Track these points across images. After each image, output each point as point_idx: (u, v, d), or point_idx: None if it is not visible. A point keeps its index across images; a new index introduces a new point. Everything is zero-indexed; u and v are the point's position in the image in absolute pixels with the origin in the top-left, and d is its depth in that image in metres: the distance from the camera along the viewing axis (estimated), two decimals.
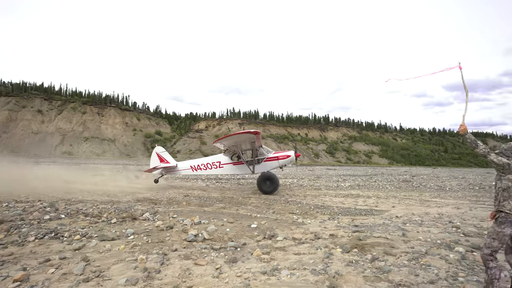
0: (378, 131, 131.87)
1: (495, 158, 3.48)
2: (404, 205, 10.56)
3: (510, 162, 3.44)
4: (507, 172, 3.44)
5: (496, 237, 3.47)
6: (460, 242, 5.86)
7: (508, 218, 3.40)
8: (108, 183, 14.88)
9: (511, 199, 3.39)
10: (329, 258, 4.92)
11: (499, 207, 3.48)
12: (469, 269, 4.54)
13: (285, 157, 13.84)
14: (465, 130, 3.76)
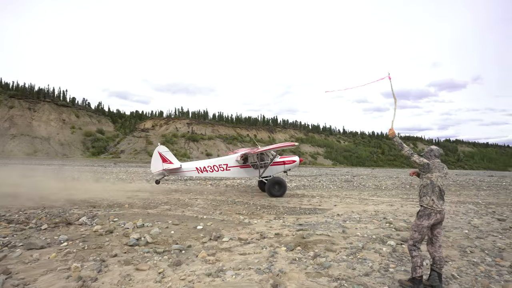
0: (323, 133, 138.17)
1: (417, 159, 3.98)
2: (345, 204, 11.19)
3: (430, 163, 3.94)
4: (427, 171, 3.94)
5: (416, 229, 3.93)
6: (392, 236, 6.37)
7: (426, 211, 3.87)
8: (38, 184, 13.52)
9: (428, 195, 3.88)
10: (274, 257, 5.02)
11: (420, 202, 3.99)
12: (399, 260, 4.95)
13: (291, 162, 14.07)
14: (393, 133, 4.26)
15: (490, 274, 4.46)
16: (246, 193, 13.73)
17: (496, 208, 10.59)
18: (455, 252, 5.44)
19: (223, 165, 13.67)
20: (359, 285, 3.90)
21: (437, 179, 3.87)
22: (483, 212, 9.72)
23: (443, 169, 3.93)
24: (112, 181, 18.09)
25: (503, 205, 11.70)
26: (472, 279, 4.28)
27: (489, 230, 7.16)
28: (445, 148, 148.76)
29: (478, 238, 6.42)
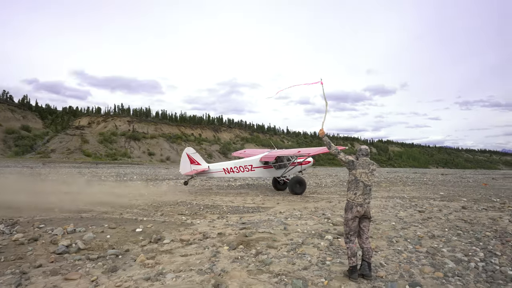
0: (268, 133, 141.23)
1: (343, 157, 4.44)
2: (287, 202, 11.56)
3: (354, 160, 4.34)
4: (352, 168, 4.33)
5: (345, 222, 4.29)
6: (330, 231, 6.74)
7: (348, 204, 4.25)
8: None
9: (351, 190, 4.26)
10: (216, 256, 5.00)
11: (346, 196, 4.35)
12: (335, 253, 5.26)
13: (306, 162, 15.15)
14: (323, 133, 4.74)
15: (411, 260, 4.96)
16: (189, 193, 13.46)
17: (418, 202, 11.81)
18: (383, 243, 5.95)
19: (248, 166, 14.31)
20: (298, 279, 4.06)
21: (361, 175, 4.22)
22: (407, 205, 10.77)
23: (368, 166, 4.27)
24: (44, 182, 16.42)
25: (423, 198, 13.09)
26: (396, 265, 4.72)
27: (412, 221, 7.95)
28: (378, 148, 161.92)
29: (403, 228, 7.09)
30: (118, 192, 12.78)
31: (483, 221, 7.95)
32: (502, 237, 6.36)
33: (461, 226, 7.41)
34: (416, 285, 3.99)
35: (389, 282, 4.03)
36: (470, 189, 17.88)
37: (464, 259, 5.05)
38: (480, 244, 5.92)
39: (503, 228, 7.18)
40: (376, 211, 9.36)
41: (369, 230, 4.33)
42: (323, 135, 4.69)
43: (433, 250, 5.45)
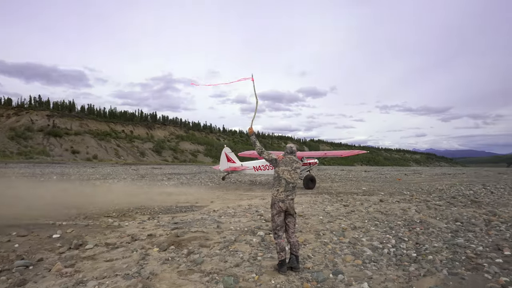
0: (204, 131, 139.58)
1: (266, 155, 4.61)
2: (222, 200, 11.56)
3: (277, 159, 4.51)
4: (275, 165, 4.52)
5: (271, 218, 4.48)
6: (262, 227, 6.91)
7: (272, 201, 4.44)
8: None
9: (275, 186, 4.46)
10: (145, 259, 4.76)
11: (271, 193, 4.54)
12: (266, 249, 5.41)
13: (314, 163, 17.78)
14: (251, 132, 4.86)
15: (335, 251, 5.34)
16: (118, 193, 12.62)
17: (343, 197, 12.78)
18: (311, 236, 6.30)
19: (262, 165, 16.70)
20: (229, 276, 4.07)
21: (283, 172, 4.41)
22: (334, 200, 11.59)
23: (291, 164, 4.48)
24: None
25: (348, 193, 14.21)
26: (322, 256, 5.04)
27: (337, 214, 8.56)
28: (310, 147, 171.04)
29: (329, 222, 7.59)
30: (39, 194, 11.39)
31: (396, 212, 8.92)
32: (409, 225, 7.21)
33: (378, 217, 8.21)
34: (339, 273, 4.31)
35: (315, 273, 4.28)
36: (387, 184, 19.93)
37: (379, 246, 5.60)
38: (392, 232, 6.63)
39: (411, 217, 8.16)
40: (306, 207, 9.88)
41: (295, 225, 4.53)
42: (252, 133, 4.82)
43: (354, 240, 5.95)
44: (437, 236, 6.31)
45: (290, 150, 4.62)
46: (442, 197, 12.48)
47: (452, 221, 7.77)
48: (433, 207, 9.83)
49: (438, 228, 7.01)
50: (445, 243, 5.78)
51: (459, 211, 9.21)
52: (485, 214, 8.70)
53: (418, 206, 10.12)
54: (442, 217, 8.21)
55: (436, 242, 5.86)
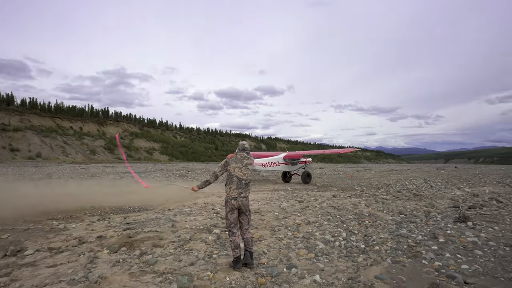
0: (160, 128, 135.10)
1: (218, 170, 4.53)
2: (177, 198, 11.30)
3: (227, 160, 4.51)
4: (227, 165, 4.50)
5: (225, 216, 4.49)
6: (218, 225, 6.88)
7: (225, 199, 4.45)
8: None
9: (227, 185, 4.47)
10: (93, 262, 4.51)
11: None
12: (222, 246, 5.39)
13: (309, 161, 19.71)
14: (196, 189, 4.65)
15: (289, 245, 5.48)
16: (64, 195, 11.79)
17: (299, 193, 13.14)
18: (267, 232, 6.40)
19: (276, 162, 18.16)
20: (183, 276, 4.00)
21: (234, 170, 4.43)
22: (290, 196, 11.87)
23: (242, 161, 4.51)
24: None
25: (303, 190, 14.65)
26: (277, 251, 5.15)
27: (292, 210, 8.79)
28: (267, 145, 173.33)
29: (284, 218, 7.77)
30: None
31: (347, 207, 9.37)
32: (359, 219, 7.63)
33: (331, 212, 8.57)
34: (292, 267, 4.43)
35: (270, 268, 4.36)
36: (340, 180, 20.86)
37: (331, 239, 5.85)
38: (344, 226, 6.96)
39: (360, 211, 8.63)
40: (262, 204, 10.01)
41: (249, 222, 4.55)
42: (197, 190, 4.64)
43: (308, 235, 6.15)
44: (383, 228, 6.74)
45: (242, 147, 4.64)
46: (389, 192, 13.35)
47: (397, 213, 8.35)
48: (380, 201, 10.48)
49: (385, 220, 7.50)
50: (390, 234, 6.19)
51: (403, 204, 9.93)
52: (425, 206, 9.48)
53: (367, 200, 10.72)
54: (388, 210, 8.79)
55: (383, 234, 6.26)
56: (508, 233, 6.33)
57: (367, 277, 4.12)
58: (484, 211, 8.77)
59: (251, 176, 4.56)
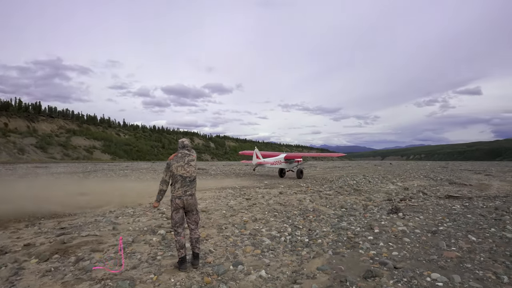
0: (101, 125, 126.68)
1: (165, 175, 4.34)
2: (121, 198, 10.68)
3: (168, 162, 4.35)
4: (169, 166, 4.32)
5: (171, 216, 4.36)
6: (163, 226, 6.65)
7: (171, 198, 4.32)
8: None
9: (172, 185, 4.33)
10: (18, 274, 4.06)
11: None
12: (167, 247, 5.23)
13: (300, 161, 22.30)
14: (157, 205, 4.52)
15: (236, 243, 5.51)
16: None
17: (246, 191, 13.26)
18: (214, 231, 6.34)
19: (278, 161, 21.23)
20: (124, 280, 3.80)
21: (177, 169, 4.27)
22: (237, 194, 11.91)
23: (184, 158, 4.37)
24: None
25: (251, 187, 14.82)
26: (223, 249, 5.14)
27: (240, 208, 8.83)
28: (216, 143, 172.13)
29: (232, 216, 7.78)
30: None
31: (293, 203, 9.68)
32: (304, 214, 7.93)
33: (278, 208, 8.78)
34: (239, 264, 4.45)
35: (216, 266, 4.33)
36: (286, 178, 21.47)
37: (277, 235, 5.99)
38: (289, 221, 7.18)
39: (305, 206, 8.99)
40: (209, 202, 9.91)
41: (195, 221, 4.44)
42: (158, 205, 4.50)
43: (254, 232, 6.22)
44: (326, 222, 7.09)
45: (182, 145, 4.51)
46: (332, 188, 14.09)
47: (339, 208, 8.84)
48: (324, 197, 11.02)
49: (328, 215, 7.89)
50: (332, 228, 6.54)
51: (344, 199, 10.55)
52: (364, 200, 10.19)
53: (312, 196, 11.19)
54: (331, 205, 9.27)
55: (325, 227, 6.58)
56: (431, 221, 7.09)
57: (310, 269, 4.30)
58: (412, 202, 9.68)
59: (196, 172, 4.46)
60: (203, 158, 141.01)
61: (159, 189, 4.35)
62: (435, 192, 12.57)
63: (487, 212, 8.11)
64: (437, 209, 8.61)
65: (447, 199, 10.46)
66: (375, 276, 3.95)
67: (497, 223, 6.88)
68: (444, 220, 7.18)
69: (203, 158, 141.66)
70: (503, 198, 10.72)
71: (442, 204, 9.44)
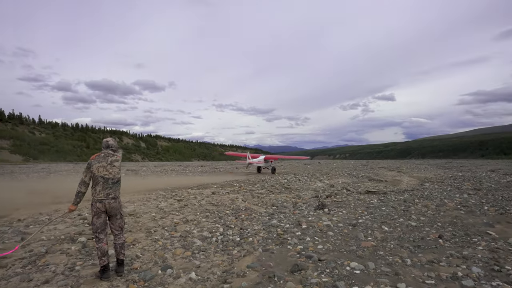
0: (10, 122, 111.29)
1: (84, 176, 3.99)
2: (32, 206, 9.51)
3: (89, 162, 4.01)
4: (89, 168, 3.98)
5: (91, 221, 4.04)
6: (85, 233, 6.11)
7: (91, 202, 3.98)
8: None
9: (93, 187, 4.00)
10: None
11: None
12: (88, 256, 4.81)
13: (272, 161, 28.10)
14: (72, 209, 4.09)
15: (166, 246, 5.31)
16: None
17: (178, 191, 12.88)
18: (142, 235, 6.03)
19: (260, 161, 27.22)
20: None
21: (98, 170, 3.96)
22: (169, 196, 11.50)
23: (106, 159, 4.07)
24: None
25: (183, 188, 14.45)
26: (152, 254, 4.91)
27: (171, 210, 8.53)
28: (147, 143, 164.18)
29: (162, 218, 7.48)
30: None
31: (225, 203, 9.70)
32: (236, 213, 8.00)
33: (210, 208, 8.71)
34: (168, 267, 4.30)
35: (143, 272, 4.12)
36: (219, 177, 21.45)
37: (208, 236, 5.94)
38: (221, 221, 7.18)
39: (238, 206, 9.08)
40: (138, 205, 9.39)
41: (120, 226, 4.17)
42: (75, 208, 4.08)
43: (185, 233, 6.08)
44: (257, 220, 7.24)
45: (106, 145, 4.21)
46: (264, 186, 14.47)
47: (270, 206, 9.12)
48: (256, 195, 11.26)
49: (259, 213, 8.08)
50: (263, 225, 6.71)
51: (276, 197, 10.92)
52: (294, 198, 10.67)
53: (244, 195, 11.35)
54: (263, 204, 9.52)
55: (257, 226, 6.73)
56: (352, 215, 7.74)
57: (240, 267, 4.35)
58: (337, 198, 10.45)
59: (120, 174, 4.18)
60: (133, 159, 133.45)
61: (77, 190, 3.96)
62: (356, 188, 13.74)
63: (398, 204, 9.16)
64: (358, 203, 9.43)
65: (367, 194, 11.53)
66: (301, 269, 4.17)
67: (405, 213, 7.83)
68: (363, 213, 7.90)
69: (133, 158, 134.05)
70: (410, 191, 12.22)
71: (362, 199, 10.37)
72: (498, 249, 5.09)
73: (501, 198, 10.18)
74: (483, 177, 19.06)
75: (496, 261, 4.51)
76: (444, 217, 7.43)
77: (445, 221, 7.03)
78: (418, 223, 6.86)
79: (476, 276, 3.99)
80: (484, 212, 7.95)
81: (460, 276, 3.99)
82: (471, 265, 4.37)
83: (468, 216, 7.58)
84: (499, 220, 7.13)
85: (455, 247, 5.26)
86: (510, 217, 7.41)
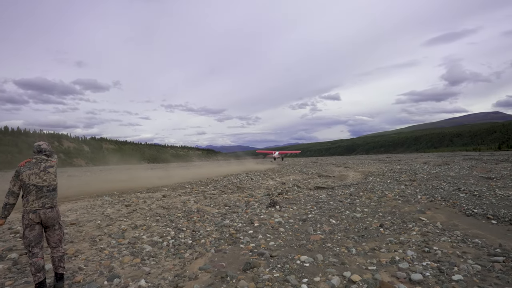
0: None
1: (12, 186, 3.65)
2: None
3: (18, 169, 3.68)
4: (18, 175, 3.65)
5: (22, 234, 3.68)
6: (16, 248, 5.52)
7: (22, 213, 3.65)
8: None
9: (24, 197, 3.66)
10: None
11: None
12: (20, 273, 4.36)
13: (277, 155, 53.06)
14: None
15: (113, 254, 5.02)
16: None
17: (126, 196, 12.25)
18: (85, 245, 5.63)
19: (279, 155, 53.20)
20: None
21: (29, 178, 3.64)
22: (116, 201, 10.88)
23: (39, 165, 3.75)
24: None
25: (132, 192, 13.78)
26: (97, 264, 4.61)
27: (118, 216, 8.09)
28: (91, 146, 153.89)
29: (108, 225, 7.05)
30: None
31: (177, 205, 9.45)
32: (188, 216, 7.83)
33: (161, 212, 8.42)
34: (115, 277, 4.07)
35: (87, 284, 3.86)
36: (173, 179, 20.83)
37: (159, 240, 5.74)
38: (173, 224, 6.98)
39: (190, 208, 8.90)
40: (81, 213, 8.75)
41: (58, 237, 3.84)
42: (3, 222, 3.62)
43: (134, 240, 5.80)
44: (210, 221, 7.16)
45: (37, 149, 3.85)
46: (216, 187, 14.36)
47: (223, 206, 9.07)
48: (208, 196, 11.13)
49: (212, 214, 8.00)
50: (215, 226, 6.65)
51: (228, 197, 10.90)
52: (246, 197, 10.74)
53: (196, 197, 11.16)
54: (215, 204, 9.44)
55: (209, 227, 6.65)
56: (302, 210, 8.01)
57: (192, 270, 4.27)
58: (288, 195, 10.74)
59: (56, 181, 3.85)
60: (75, 164, 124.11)
61: (4, 202, 3.56)
62: (307, 184, 14.25)
63: (344, 198, 9.68)
64: (308, 199, 9.79)
65: (316, 190, 12.02)
66: (253, 267, 4.22)
67: (351, 206, 8.30)
68: (313, 208, 8.22)
69: (75, 163, 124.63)
70: (356, 185, 12.99)
71: (312, 194, 10.78)
72: (428, 232, 5.67)
73: (431, 187, 11.29)
74: (417, 169, 20.93)
75: (426, 244, 5.02)
76: (385, 207, 8.03)
77: (385, 211, 7.60)
78: (362, 214, 7.33)
79: (410, 259, 4.40)
80: (418, 201, 8.78)
81: (397, 260, 4.36)
82: (406, 249, 4.79)
83: (405, 205, 8.29)
84: (430, 206, 7.95)
85: (394, 234, 5.72)
86: (438, 203, 8.32)
